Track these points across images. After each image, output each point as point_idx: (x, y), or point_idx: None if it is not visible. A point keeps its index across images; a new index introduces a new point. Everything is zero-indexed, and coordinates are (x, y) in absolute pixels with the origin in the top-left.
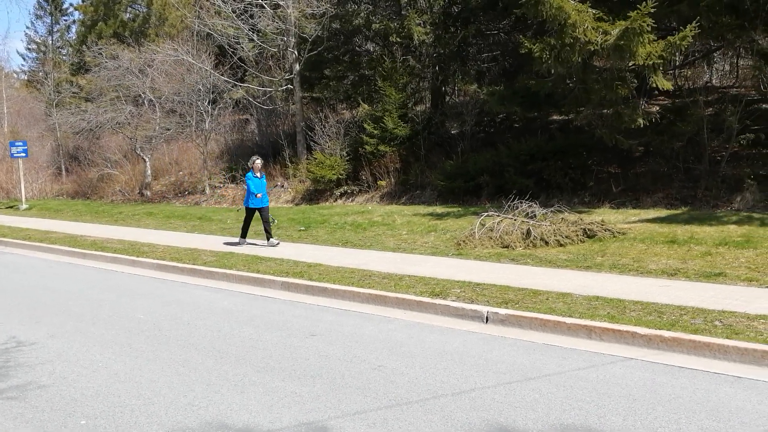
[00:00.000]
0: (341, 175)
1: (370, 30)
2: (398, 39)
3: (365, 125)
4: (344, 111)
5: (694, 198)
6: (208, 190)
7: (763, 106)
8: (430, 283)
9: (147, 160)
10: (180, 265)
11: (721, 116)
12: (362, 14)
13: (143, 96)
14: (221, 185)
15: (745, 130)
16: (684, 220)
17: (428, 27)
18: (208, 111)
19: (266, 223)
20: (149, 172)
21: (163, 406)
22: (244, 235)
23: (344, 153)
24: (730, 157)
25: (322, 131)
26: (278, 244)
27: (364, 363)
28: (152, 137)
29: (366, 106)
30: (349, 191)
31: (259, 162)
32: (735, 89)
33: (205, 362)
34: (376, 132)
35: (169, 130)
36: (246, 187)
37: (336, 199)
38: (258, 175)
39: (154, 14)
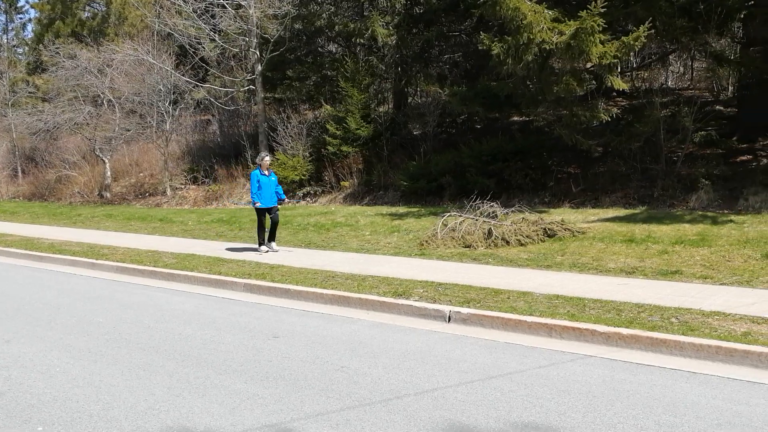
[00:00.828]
0: (304, 175)
1: (333, 31)
2: (361, 40)
3: (328, 126)
4: (307, 112)
5: (651, 197)
6: (169, 192)
7: (717, 107)
8: (393, 283)
9: (106, 161)
10: (141, 267)
11: (676, 117)
12: (324, 15)
13: (102, 96)
14: (183, 186)
15: (699, 130)
16: (642, 219)
17: (391, 28)
18: (169, 112)
19: (273, 225)
20: (109, 173)
21: (122, 411)
22: (262, 240)
23: (307, 154)
24: (685, 157)
25: (285, 132)
26: (267, 252)
27: (327, 364)
28: (112, 138)
29: (328, 106)
30: (312, 192)
31: (268, 159)
32: (690, 91)
33: (166, 365)
34: (338, 133)
35: (129, 131)
36: (251, 185)
37: (299, 200)
38: (266, 173)
39: (114, 13)
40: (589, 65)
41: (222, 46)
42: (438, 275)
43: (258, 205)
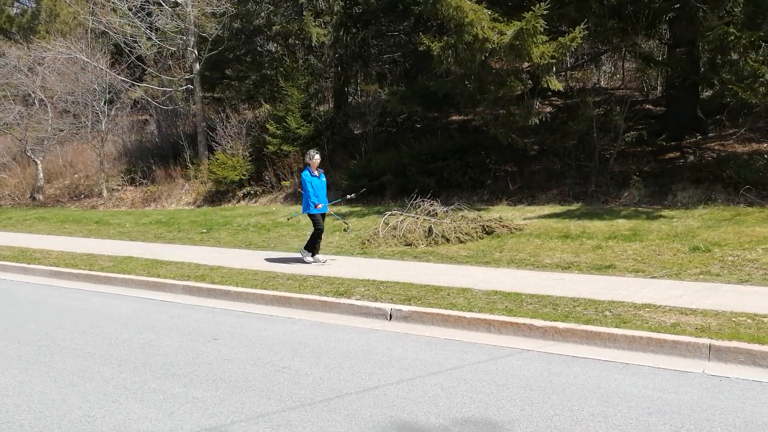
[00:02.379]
0: (244, 175)
1: (272, 30)
2: (298, 40)
3: (268, 125)
4: (246, 111)
5: (585, 194)
6: (105, 193)
7: (646, 106)
8: (335, 282)
9: (39, 162)
10: (76, 271)
11: (609, 116)
12: (263, 14)
13: (33, 95)
14: (120, 188)
15: (630, 129)
16: (576, 215)
17: (329, 28)
18: (105, 111)
19: (318, 235)
20: (41, 175)
21: (55, 420)
22: (311, 248)
23: (247, 153)
24: (617, 155)
25: (224, 132)
26: (326, 261)
27: (268, 365)
28: (44, 139)
29: (268, 106)
30: (252, 192)
31: (318, 157)
32: (621, 90)
33: (102, 371)
34: (278, 132)
35: (62, 131)
36: (303, 188)
37: (239, 200)
38: (316, 173)
39: (44, 10)
40: (525, 65)
41: (159, 44)
42: (379, 274)
43: (319, 207)
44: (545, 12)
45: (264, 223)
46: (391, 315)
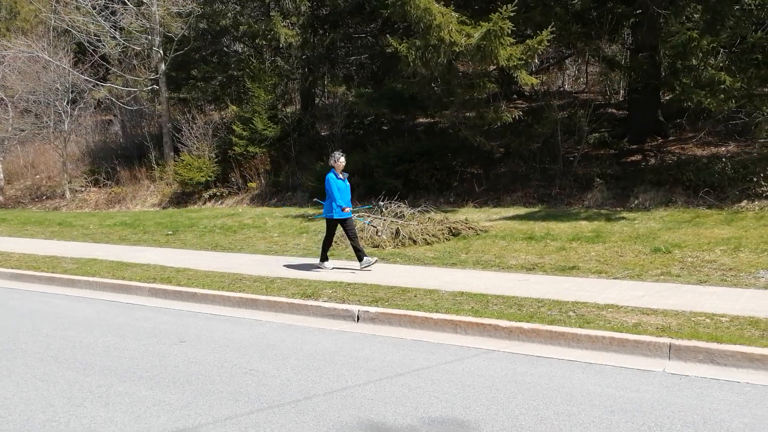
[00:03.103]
0: (210, 177)
1: (238, 31)
2: (265, 41)
3: (234, 126)
4: (213, 112)
5: (549, 196)
6: (68, 195)
7: (609, 110)
8: (302, 284)
9: None
10: (38, 273)
11: (573, 119)
12: (230, 15)
13: None
14: (83, 189)
15: (593, 132)
16: (541, 217)
17: (296, 29)
18: (67, 111)
19: (354, 239)
20: (1, 175)
21: (18, 425)
22: (325, 256)
23: (213, 155)
24: (581, 157)
25: (190, 133)
26: (376, 261)
27: (235, 367)
28: (4, 139)
29: (235, 107)
30: (218, 193)
31: (343, 159)
32: (585, 94)
33: (66, 375)
34: (245, 133)
35: (23, 131)
36: (328, 191)
37: (205, 202)
38: (341, 176)
39: (5, 7)
40: (492, 68)
41: (123, 44)
42: (347, 275)
43: (347, 210)
44: (512, 14)
45: (230, 224)
46: (358, 316)
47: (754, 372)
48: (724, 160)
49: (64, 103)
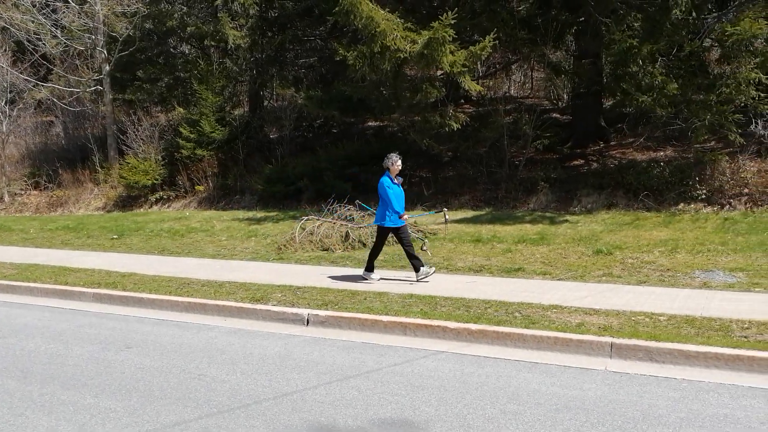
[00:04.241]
0: (156, 180)
1: (185, 32)
2: (213, 42)
3: (181, 129)
4: (159, 114)
5: (496, 199)
6: (7, 198)
7: (554, 115)
8: (251, 288)
9: None
10: None
11: (518, 124)
12: (176, 15)
13: None
14: (23, 192)
15: (538, 137)
16: (488, 220)
17: (245, 31)
18: (5, 112)
19: (408, 246)
20: None
21: None
22: (372, 266)
23: (159, 157)
24: (526, 161)
25: (136, 135)
26: (434, 272)
27: (183, 373)
28: None
29: (182, 109)
30: (165, 197)
31: (400, 162)
32: (530, 99)
33: (6, 384)
34: (192, 136)
35: None
36: (383, 197)
37: (151, 205)
38: (396, 181)
39: None
40: (439, 73)
41: (65, 43)
42: (296, 279)
43: (405, 217)
44: (454, 22)
45: (178, 228)
46: (308, 320)
47: (690, 368)
48: (662, 164)
49: (2, 104)
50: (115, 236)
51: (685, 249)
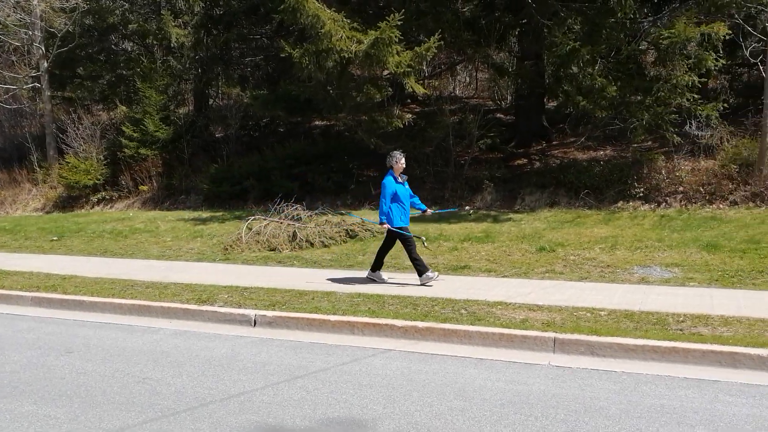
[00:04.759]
0: (98, 180)
1: (127, 29)
2: (156, 41)
3: (124, 128)
4: (101, 112)
5: (442, 198)
6: None
7: (498, 115)
8: (197, 289)
9: None
10: None
11: (463, 124)
12: (118, 12)
13: None
14: None
15: (483, 137)
16: (434, 219)
17: (189, 29)
18: None
19: (385, 250)
20: None
21: None
22: (379, 266)
23: (101, 157)
24: (472, 161)
25: (76, 134)
26: (437, 276)
27: (127, 377)
28: None
29: (124, 107)
30: (107, 197)
31: (404, 160)
32: (475, 99)
33: None
34: (136, 135)
35: None
36: (382, 197)
37: (93, 206)
38: (401, 180)
39: None
40: (386, 73)
41: (0, 38)
42: (243, 279)
43: (386, 226)
44: (400, 22)
45: (121, 229)
46: (255, 321)
47: (629, 361)
48: (602, 163)
49: None
50: (54, 238)
51: (624, 246)
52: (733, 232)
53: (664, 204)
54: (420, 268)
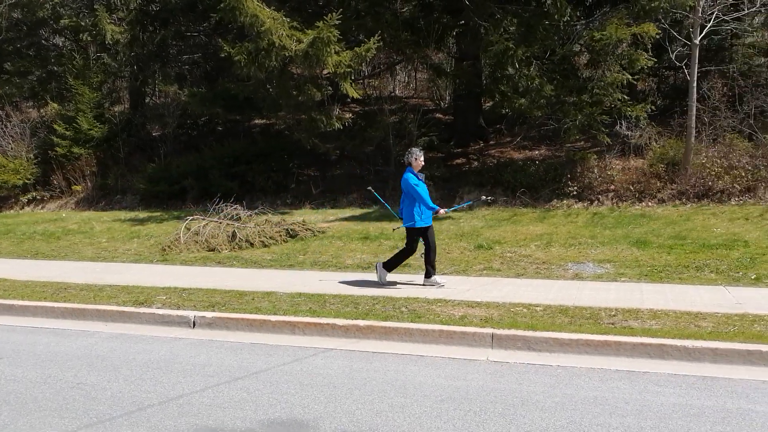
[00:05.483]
0: (28, 179)
1: (59, 24)
2: (90, 37)
3: (56, 126)
4: (30, 110)
5: (384, 197)
6: None
7: (437, 115)
8: (134, 291)
9: None
10: None
11: (403, 123)
12: (48, 5)
13: None
14: None
15: (422, 136)
16: (375, 217)
17: (124, 25)
18: None
19: (432, 251)
20: None
21: None
22: (430, 271)
23: (32, 156)
24: None
25: (4, 131)
26: (444, 285)
27: (60, 382)
28: None
29: (56, 105)
30: (39, 197)
31: (423, 157)
32: (414, 99)
33: None
34: (68, 133)
35: None
36: (410, 195)
37: (23, 207)
38: (421, 177)
39: None
40: (325, 72)
41: None
42: (182, 281)
43: (442, 212)
44: (339, 22)
45: (53, 230)
46: (194, 322)
47: (564, 355)
48: (537, 162)
49: None
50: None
51: (558, 243)
52: (661, 229)
53: (596, 202)
54: (428, 275)
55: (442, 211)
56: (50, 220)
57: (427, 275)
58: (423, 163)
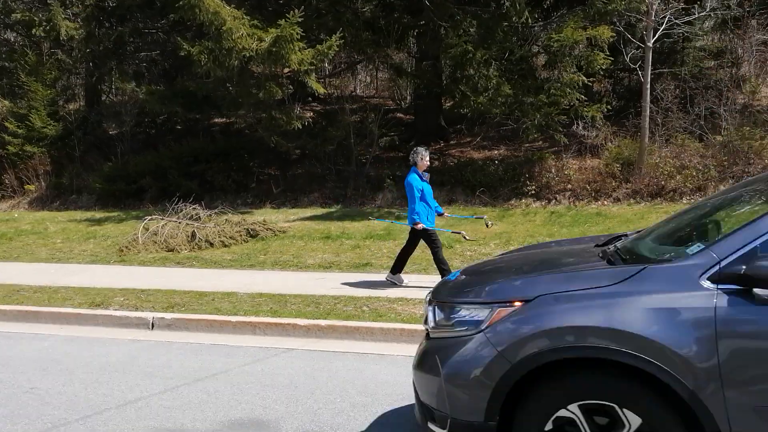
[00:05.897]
0: None
1: (10, 18)
2: (43, 32)
3: (7, 124)
4: None
5: (345, 197)
6: None
7: (398, 114)
8: (90, 293)
9: None
10: None
11: (365, 123)
12: None
13: None
14: None
15: (384, 135)
16: (337, 217)
17: (80, 21)
18: None
19: (409, 252)
20: None
21: None
22: (400, 268)
23: None
24: (373, 159)
25: None
26: (406, 283)
27: (13, 387)
28: None
29: (7, 102)
30: None
31: (428, 157)
32: (375, 99)
33: None
34: (20, 131)
35: None
36: (407, 194)
37: None
38: (425, 178)
39: None
40: (286, 71)
41: None
42: (140, 281)
43: (420, 226)
44: (300, 20)
45: (5, 231)
46: (153, 324)
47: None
48: (496, 162)
49: None
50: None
51: (517, 241)
52: (617, 227)
53: (554, 201)
54: (444, 274)
55: (420, 225)
56: (2, 221)
57: (393, 271)
58: (428, 163)
